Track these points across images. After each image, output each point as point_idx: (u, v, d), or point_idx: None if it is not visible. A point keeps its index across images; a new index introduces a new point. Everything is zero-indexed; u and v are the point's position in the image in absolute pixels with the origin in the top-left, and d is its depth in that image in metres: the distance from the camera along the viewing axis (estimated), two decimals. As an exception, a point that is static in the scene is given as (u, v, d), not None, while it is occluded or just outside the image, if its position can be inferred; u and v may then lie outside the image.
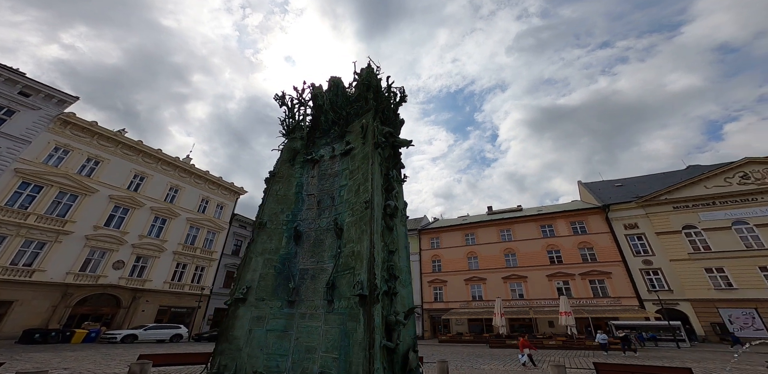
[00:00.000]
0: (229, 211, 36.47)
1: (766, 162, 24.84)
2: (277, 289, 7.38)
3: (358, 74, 9.62)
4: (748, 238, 24.07)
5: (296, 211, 8.50)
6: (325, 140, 9.66)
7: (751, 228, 24.10)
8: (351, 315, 5.80)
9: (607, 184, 34.34)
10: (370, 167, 7.10)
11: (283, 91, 11.28)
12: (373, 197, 6.60)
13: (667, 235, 26.47)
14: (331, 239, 7.40)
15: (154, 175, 29.67)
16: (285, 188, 8.97)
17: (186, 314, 29.32)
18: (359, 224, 6.67)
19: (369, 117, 8.31)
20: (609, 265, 27.32)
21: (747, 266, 23.59)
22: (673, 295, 25.00)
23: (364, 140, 7.96)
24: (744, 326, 22.56)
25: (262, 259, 7.88)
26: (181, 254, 29.82)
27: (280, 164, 9.59)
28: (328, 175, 8.68)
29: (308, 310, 6.79)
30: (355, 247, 6.50)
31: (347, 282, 6.31)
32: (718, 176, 26.10)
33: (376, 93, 8.88)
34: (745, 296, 23.07)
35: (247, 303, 7.32)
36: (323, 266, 7.21)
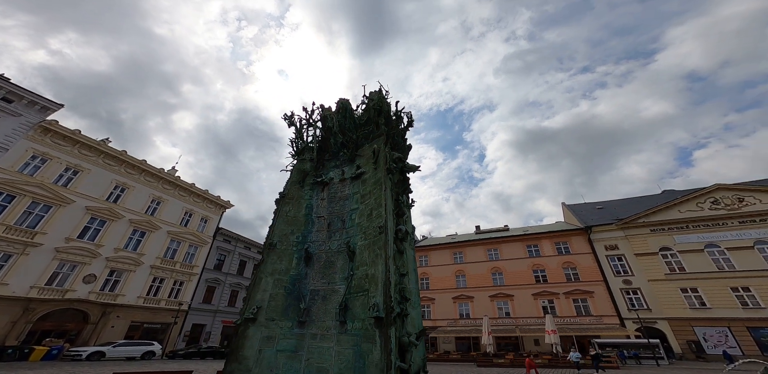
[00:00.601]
0: (214, 225, 35.90)
1: (735, 189, 27.02)
2: (288, 309, 7.53)
3: (367, 98, 10.14)
4: (720, 260, 25.69)
5: (306, 233, 8.77)
6: (334, 163, 10.08)
7: (723, 251, 25.78)
8: (366, 336, 6.05)
9: (589, 206, 36.13)
10: (383, 192, 7.56)
11: (292, 112, 11.74)
12: (387, 223, 7.02)
13: (645, 256, 27.86)
14: (342, 262, 7.69)
15: (136, 186, 29.12)
16: (295, 209, 9.25)
17: (160, 330, 28.07)
18: (373, 248, 7.03)
19: (380, 142, 8.83)
20: (591, 284, 28.32)
21: (719, 287, 25.01)
22: (652, 314, 26.02)
23: (376, 165, 8.44)
24: (718, 344, 23.65)
25: (272, 279, 8.04)
26: (159, 268, 28.94)
27: (290, 185, 9.90)
28: (338, 198, 9.06)
29: (319, 331, 6.97)
30: (369, 270, 6.83)
31: (361, 303, 6.59)
32: (690, 201, 28.05)
33: (387, 118, 9.45)
34: (718, 315, 24.33)
35: (257, 323, 7.41)
36: (334, 288, 7.45)
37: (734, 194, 26.83)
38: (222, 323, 33.20)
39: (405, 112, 9.99)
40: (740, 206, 26.22)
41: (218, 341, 32.04)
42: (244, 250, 38.80)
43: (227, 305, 34.51)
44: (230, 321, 34.04)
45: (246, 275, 37.73)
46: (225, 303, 34.33)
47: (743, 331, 23.43)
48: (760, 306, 23.55)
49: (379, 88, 10.00)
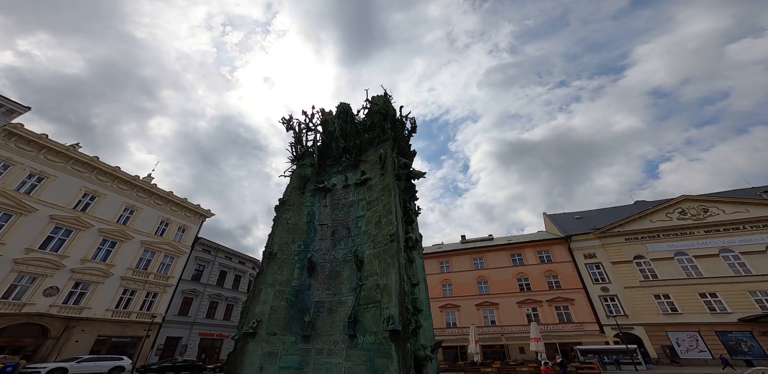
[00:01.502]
0: (193, 234, 34.41)
1: (700, 200, 29.02)
2: (290, 323, 7.11)
3: (370, 102, 10.04)
4: (689, 268, 27.26)
5: (308, 241, 8.42)
6: (336, 168, 9.85)
7: (691, 259, 27.41)
8: (380, 350, 5.78)
9: (569, 216, 37.52)
10: (393, 199, 7.41)
11: (290, 115, 11.46)
12: (398, 230, 6.87)
13: (620, 264, 29.11)
14: (349, 271, 7.40)
15: (108, 194, 27.61)
16: (296, 216, 8.89)
17: (130, 344, 26.41)
18: (383, 256, 6.83)
19: (387, 147, 8.71)
20: (572, 292, 29.15)
21: (689, 293, 26.45)
22: (629, 320, 27.03)
23: (383, 170, 8.30)
24: (690, 348, 24.83)
25: (273, 291, 7.59)
26: (131, 279, 27.32)
27: (290, 191, 9.52)
28: (342, 205, 8.81)
29: (326, 345, 6.61)
30: (380, 280, 6.60)
31: (372, 315, 6.33)
32: (661, 212, 29.81)
33: (393, 123, 9.36)
34: (689, 320, 25.63)
35: (257, 338, 6.93)
36: (341, 299, 7.14)
37: (699, 204, 28.82)
38: (200, 335, 31.43)
39: (409, 117, 9.97)
40: (705, 216, 28.17)
41: (195, 354, 30.30)
42: (225, 260, 37.20)
43: (206, 317, 32.78)
44: (209, 333, 32.41)
45: (227, 285, 36.09)
46: (203, 315, 32.59)
47: (712, 335, 24.76)
48: (727, 311, 25.05)
49: (384, 93, 9.96)
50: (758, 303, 24.72)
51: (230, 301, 36.02)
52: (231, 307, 36.07)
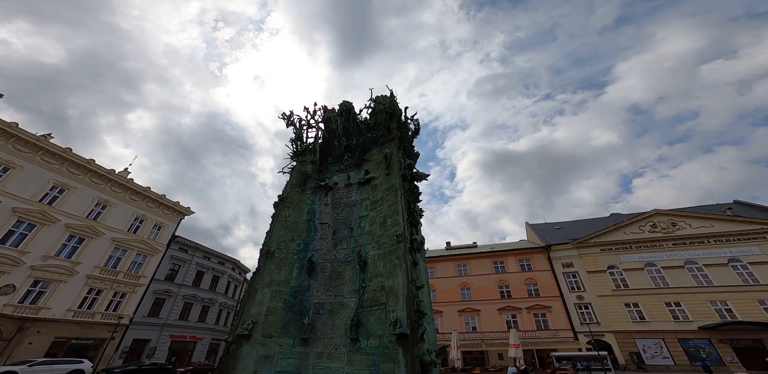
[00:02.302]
0: (169, 232, 32.93)
1: (670, 214, 30.87)
2: (288, 325, 6.82)
3: (375, 101, 9.97)
4: (657, 278, 28.81)
5: (308, 240, 8.17)
6: (338, 167, 9.68)
7: (659, 270, 29.00)
8: (385, 355, 5.64)
9: (549, 226, 38.87)
10: (399, 199, 7.34)
11: (291, 111, 11.24)
12: (405, 231, 6.80)
13: (595, 274, 30.37)
14: (352, 272, 7.23)
15: (79, 187, 26.03)
16: (295, 214, 8.62)
17: (92, 346, 24.82)
18: (389, 257, 6.72)
19: (393, 147, 8.63)
20: (550, 300, 30.04)
21: (656, 302, 27.90)
22: (601, 327, 28.11)
23: (389, 170, 8.21)
24: (654, 355, 26.10)
25: (270, 291, 7.27)
26: (98, 278, 25.74)
27: (289, 188, 9.23)
28: (345, 204, 8.64)
29: (326, 349, 6.38)
30: (386, 282, 6.48)
31: (377, 318, 6.18)
32: (634, 224, 31.45)
33: (399, 123, 9.31)
34: (655, 328, 26.99)
35: (252, 340, 6.58)
36: (343, 301, 6.95)
37: (669, 218, 30.66)
38: (170, 337, 29.91)
39: (413, 119, 9.96)
40: (674, 229, 29.97)
41: (165, 357, 28.78)
42: (203, 260, 35.69)
43: (178, 318, 31.23)
44: (182, 335, 30.99)
45: (203, 286, 34.58)
46: (176, 317, 31.04)
47: (675, 342, 26.17)
48: (689, 320, 26.59)
49: (390, 92, 9.91)
50: (717, 313, 26.39)
51: (207, 302, 34.50)
52: (207, 308, 34.55)
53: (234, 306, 39.61)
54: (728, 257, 27.85)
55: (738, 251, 27.75)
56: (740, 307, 25.98)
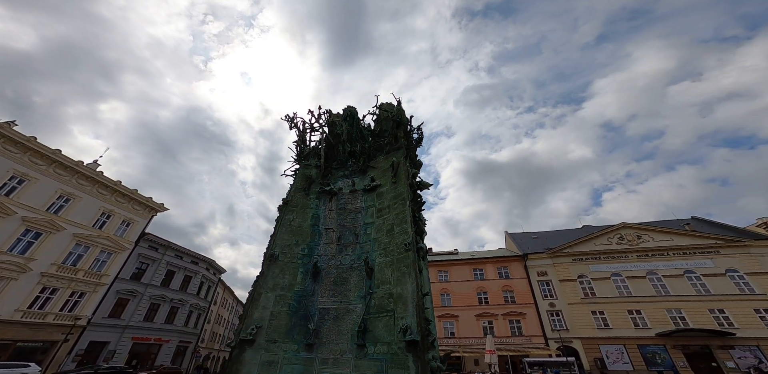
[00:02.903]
0: (139, 229, 31.35)
1: (636, 228, 33.13)
2: (293, 330, 6.76)
3: (380, 108, 10.17)
4: (621, 287, 30.77)
5: (312, 245, 8.15)
6: (342, 172, 9.73)
7: (623, 279, 30.99)
8: (394, 361, 5.75)
9: (527, 235, 40.51)
10: (407, 208, 7.54)
11: (295, 113, 11.19)
12: (414, 240, 7.00)
13: (566, 282, 31.97)
14: (357, 279, 7.30)
15: (41, 179, 24.36)
16: (300, 218, 8.58)
17: (41, 349, 23.17)
18: (397, 265, 6.88)
19: (400, 156, 8.82)
20: (524, 307, 31.25)
21: (619, 310, 29.74)
22: (569, 334, 29.55)
23: (396, 178, 8.39)
24: (616, 360, 27.74)
25: (274, 295, 7.19)
26: (54, 276, 24.07)
27: (294, 191, 9.17)
28: (349, 210, 8.70)
29: (331, 355, 6.40)
30: (394, 289, 6.62)
31: (384, 325, 6.30)
32: (603, 236, 33.49)
33: (406, 132, 9.50)
34: (617, 334, 28.72)
35: (256, 346, 6.48)
36: (348, 307, 7.00)
37: (635, 231, 32.93)
38: (132, 340, 28.27)
39: (417, 129, 10.17)
40: (638, 242, 32.22)
41: (125, 360, 27.13)
42: (175, 259, 34.06)
43: (143, 320, 29.57)
44: (145, 337, 29.37)
45: (173, 286, 32.96)
46: (140, 318, 29.39)
47: (634, 348, 27.97)
48: (648, 327, 28.55)
49: (398, 101, 10.12)
50: (672, 320, 28.53)
51: (176, 303, 32.88)
52: (176, 310, 32.92)
53: (206, 308, 38.01)
54: (684, 268, 30.27)
55: (693, 264, 30.24)
56: (692, 315, 28.24)
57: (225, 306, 50.37)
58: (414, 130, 10.08)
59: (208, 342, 42.72)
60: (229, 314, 52.84)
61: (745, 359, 25.62)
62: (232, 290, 52.98)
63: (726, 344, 26.38)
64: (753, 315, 26.92)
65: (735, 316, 27.29)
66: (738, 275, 28.92)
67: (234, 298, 55.97)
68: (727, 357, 25.86)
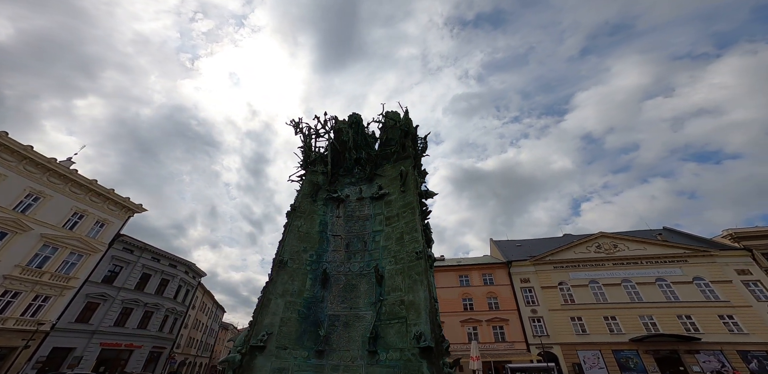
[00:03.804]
0: (113, 230, 30.10)
1: (613, 237, 34.79)
2: (303, 336, 6.73)
3: (386, 116, 10.38)
4: (598, 294, 32.11)
5: (321, 251, 8.16)
6: (349, 179, 9.82)
7: (600, 287, 32.37)
8: (407, 368, 5.86)
9: (511, 243, 41.63)
10: (417, 217, 7.75)
11: (300, 118, 11.24)
12: (425, 248, 7.19)
13: (548, 289, 33.03)
14: (367, 286, 7.37)
15: (9, 176, 23.14)
16: (308, 225, 8.57)
17: None
18: (409, 273, 7.03)
19: (408, 165, 9.03)
20: (508, 313, 31.96)
21: (596, 316, 30.98)
22: (550, 340, 30.44)
23: (404, 187, 8.58)
24: (593, 365, 28.79)
25: (284, 301, 7.14)
26: (16, 279, 22.79)
27: (301, 198, 9.16)
28: (357, 217, 8.79)
29: (342, 361, 6.41)
30: (405, 296, 6.75)
31: (396, 331, 6.40)
32: (582, 245, 34.94)
33: (413, 141, 9.73)
34: (594, 340, 29.86)
35: (266, 352, 6.40)
36: (358, 314, 7.05)
37: (612, 241, 34.59)
38: (101, 346, 26.89)
39: (425, 138, 10.41)
40: (615, 251, 33.84)
41: (91, 367, 25.78)
42: (152, 262, 32.70)
43: (114, 324, 28.20)
44: (116, 343, 28.12)
45: (148, 290, 31.54)
46: (110, 323, 28.03)
47: (609, 354, 29.15)
48: (622, 332, 29.86)
49: (405, 110, 10.35)
50: (644, 326, 29.97)
51: (150, 308, 31.44)
52: (150, 314, 31.48)
53: (183, 312, 36.53)
54: (656, 276, 32.00)
55: (664, 272, 32.03)
56: (662, 321, 29.80)
57: (204, 310, 48.53)
58: (420, 139, 10.35)
59: (185, 348, 40.98)
60: (207, 319, 50.91)
61: (709, 363, 27.18)
62: (212, 294, 51.17)
63: (692, 349, 27.91)
64: (717, 321, 28.69)
65: (701, 322, 29.00)
66: (704, 283, 30.85)
67: (214, 302, 54.01)
68: (693, 361, 27.35)
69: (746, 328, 27.76)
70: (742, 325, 27.95)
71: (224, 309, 61.54)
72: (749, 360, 26.63)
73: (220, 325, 62.41)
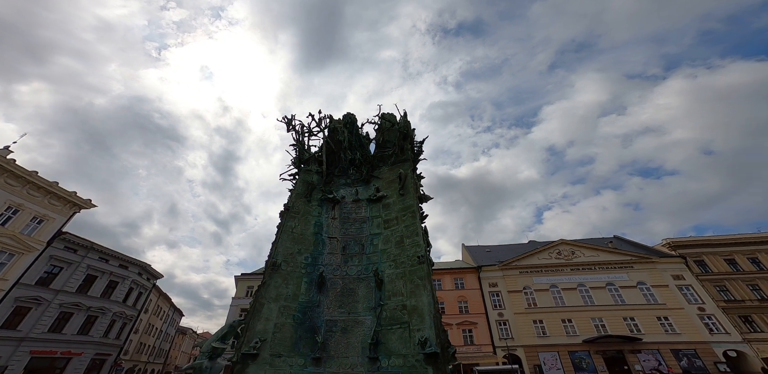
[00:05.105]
0: (54, 227, 27.00)
1: (572, 244, 37.31)
2: (298, 343, 6.36)
3: (382, 118, 10.28)
4: (557, 298, 34.19)
5: (316, 254, 7.81)
6: (344, 180, 9.56)
7: (559, 291, 34.52)
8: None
9: (481, 249, 43.11)
10: (417, 221, 7.72)
11: (293, 115, 10.80)
12: (427, 253, 7.16)
13: (514, 293, 34.58)
14: (366, 290, 7.17)
15: None
16: (302, 226, 8.19)
17: None
18: (410, 277, 6.94)
19: (407, 168, 8.98)
20: (476, 317, 32.93)
21: (555, 319, 32.92)
22: (514, 342, 31.77)
23: (403, 191, 8.51)
24: (552, 366, 30.46)
25: (277, 306, 6.70)
26: None
27: (295, 197, 8.73)
28: (353, 220, 8.57)
29: (341, 369, 6.15)
30: (407, 301, 6.65)
31: (398, 337, 6.27)
32: (545, 251, 37.11)
33: (412, 144, 9.68)
34: (553, 342, 31.65)
35: (260, 360, 5.95)
36: (357, 319, 6.82)
37: (571, 248, 37.13)
38: (31, 353, 23.83)
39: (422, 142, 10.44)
40: (572, 257, 36.34)
41: None
42: (98, 262, 29.62)
43: (48, 331, 25.15)
44: (50, 351, 25.03)
45: (93, 293, 28.45)
46: (44, 329, 25.03)
47: (566, 355, 31.02)
48: (577, 334, 31.99)
49: (404, 113, 10.29)
50: (596, 328, 32.33)
51: (94, 312, 28.41)
52: (93, 319, 28.46)
53: (134, 316, 33.38)
54: (606, 281, 34.77)
55: (613, 277, 34.91)
56: (611, 323, 32.34)
57: (159, 314, 44.81)
58: (417, 143, 10.39)
59: (134, 354, 37.48)
60: (162, 323, 47.07)
61: (648, 362, 29.84)
62: (168, 296, 47.42)
63: (635, 348, 30.52)
64: (656, 322, 31.68)
65: (642, 323, 31.85)
66: (645, 288, 34.02)
67: (171, 306, 50.10)
68: (635, 360, 29.88)
69: (679, 328, 30.87)
70: (676, 326, 31.03)
71: (182, 312, 57.24)
72: (680, 358, 29.57)
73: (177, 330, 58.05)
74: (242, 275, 38.28)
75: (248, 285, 37.92)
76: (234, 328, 7.27)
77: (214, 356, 6.73)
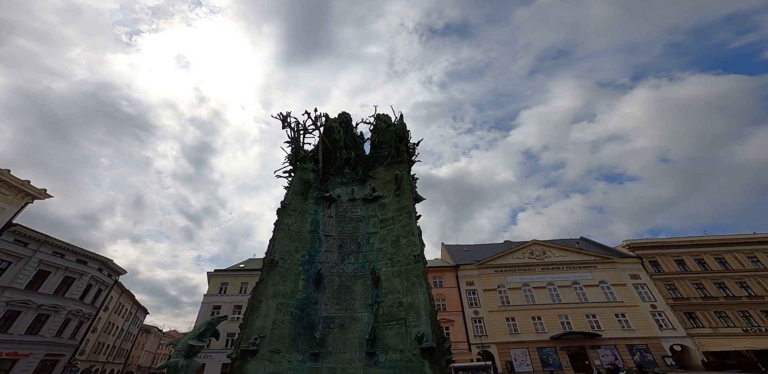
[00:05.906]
0: (4, 218, 24.75)
1: (543, 244, 39.26)
2: (297, 339, 6.35)
3: (377, 119, 10.38)
4: (529, 296, 35.87)
5: (313, 251, 7.80)
6: (340, 179, 9.58)
7: (530, 289, 36.22)
8: (409, 368, 5.94)
9: (459, 248, 44.26)
10: (414, 221, 7.93)
11: (288, 112, 10.67)
12: (423, 252, 7.37)
13: (489, 291, 35.88)
14: (362, 287, 7.27)
15: None
16: (299, 223, 8.14)
17: None
18: (407, 275, 7.13)
19: (403, 169, 9.16)
20: (453, 314, 33.82)
21: (526, 317, 34.50)
22: (488, 339, 32.94)
23: (399, 191, 8.69)
24: (522, 363, 31.90)
25: (275, 303, 6.65)
26: None
27: (291, 195, 8.65)
28: (349, 218, 8.61)
29: (339, 364, 6.23)
30: (404, 298, 6.83)
31: (395, 333, 6.44)
32: (519, 251, 38.79)
33: (407, 145, 9.85)
34: (523, 339, 33.15)
35: (259, 356, 5.90)
36: (354, 315, 6.91)
37: (542, 248, 39.06)
38: None
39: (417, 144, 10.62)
40: (543, 257, 38.27)
41: None
42: (53, 257, 27.43)
43: None
44: None
45: (45, 290, 26.39)
46: None
47: (534, 351, 32.56)
48: (545, 331, 33.71)
49: (400, 115, 10.45)
50: (562, 325, 34.21)
51: (45, 310, 26.36)
52: (45, 318, 26.37)
53: (92, 314, 31.22)
54: (572, 280, 36.89)
55: (578, 276, 37.10)
56: (575, 320, 34.35)
57: (120, 312, 42.11)
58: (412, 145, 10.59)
59: (91, 354, 35.01)
60: (124, 321, 44.25)
61: (606, 357, 31.89)
62: (132, 293, 44.65)
63: (595, 344, 32.57)
64: (614, 319, 34.00)
65: (602, 320, 34.06)
66: (606, 286, 36.41)
67: (134, 303, 47.19)
68: (595, 355, 31.87)
69: (633, 325, 33.28)
70: (631, 322, 33.43)
71: (147, 310, 54.03)
72: (634, 352, 31.91)
73: (140, 328, 54.81)
74: (215, 272, 36.90)
75: (222, 281, 36.57)
76: (212, 325, 7.07)
77: (190, 354, 6.49)
